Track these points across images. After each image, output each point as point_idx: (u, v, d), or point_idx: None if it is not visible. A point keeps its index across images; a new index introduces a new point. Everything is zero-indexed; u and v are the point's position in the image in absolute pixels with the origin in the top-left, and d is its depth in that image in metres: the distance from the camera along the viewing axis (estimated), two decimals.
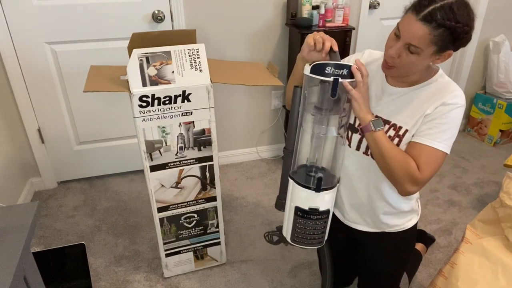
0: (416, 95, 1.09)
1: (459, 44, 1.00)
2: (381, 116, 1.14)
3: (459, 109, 1.04)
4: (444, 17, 0.93)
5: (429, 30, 0.94)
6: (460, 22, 0.95)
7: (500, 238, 1.26)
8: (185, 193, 1.56)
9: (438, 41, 0.95)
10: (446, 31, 0.94)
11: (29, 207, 0.95)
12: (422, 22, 0.95)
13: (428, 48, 0.97)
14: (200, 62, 1.37)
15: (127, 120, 2.29)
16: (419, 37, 0.96)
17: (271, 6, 2.24)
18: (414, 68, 1.03)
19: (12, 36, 1.94)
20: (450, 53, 1.01)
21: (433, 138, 1.05)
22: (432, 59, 1.01)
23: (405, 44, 0.99)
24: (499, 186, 2.32)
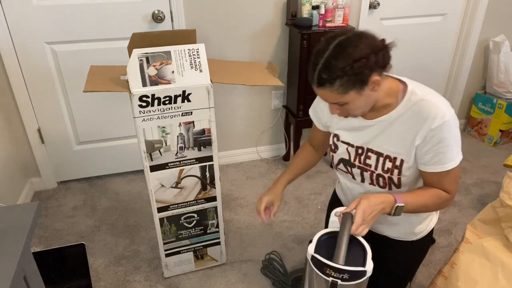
0: (397, 123, 1.07)
1: (372, 70, 0.95)
2: (372, 148, 1.14)
3: (448, 124, 1.01)
4: (329, 74, 0.94)
5: (329, 90, 0.97)
6: (343, 66, 0.93)
7: (500, 238, 1.26)
8: (185, 193, 1.56)
9: (347, 87, 0.95)
10: (342, 79, 0.94)
11: (29, 207, 0.95)
12: (321, 88, 0.98)
13: (348, 95, 0.98)
14: (200, 62, 1.37)
15: (127, 120, 2.29)
16: (331, 97, 0.99)
17: (271, 6, 2.24)
18: (364, 107, 1.04)
19: (12, 36, 1.94)
20: (375, 79, 0.97)
21: (444, 162, 1.04)
22: (366, 93, 0.99)
23: (331, 104, 1.04)
24: (499, 186, 2.32)
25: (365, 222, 0.98)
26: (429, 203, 1.09)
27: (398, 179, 1.11)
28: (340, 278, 0.90)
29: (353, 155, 1.18)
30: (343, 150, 1.20)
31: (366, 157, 1.15)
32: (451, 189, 1.09)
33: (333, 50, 0.95)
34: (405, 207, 1.04)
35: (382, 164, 1.12)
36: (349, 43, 0.95)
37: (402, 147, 1.07)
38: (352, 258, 0.93)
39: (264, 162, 2.63)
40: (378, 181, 1.15)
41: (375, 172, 1.14)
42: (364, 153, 1.15)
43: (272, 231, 2.01)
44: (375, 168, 1.14)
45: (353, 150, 1.17)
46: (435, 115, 1.00)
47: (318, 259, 0.92)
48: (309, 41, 2.14)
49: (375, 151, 1.13)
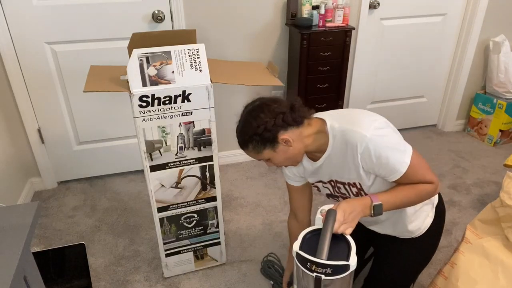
0: (335, 158, 1.17)
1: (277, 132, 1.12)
2: (336, 179, 1.23)
3: (371, 141, 1.06)
4: (241, 139, 1.17)
5: (247, 151, 1.18)
6: (250, 132, 1.13)
7: (500, 238, 1.26)
8: (185, 193, 1.56)
9: (260, 147, 1.14)
10: (252, 142, 1.14)
11: (29, 207, 0.95)
12: (242, 149, 1.19)
13: (263, 154, 1.15)
14: (200, 62, 1.37)
15: (127, 120, 2.29)
16: (252, 156, 1.19)
17: (271, 6, 2.24)
18: (288, 160, 1.18)
19: (12, 36, 1.94)
20: (283, 137, 1.12)
21: (394, 170, 1.08)
22: (282, 149, 1.14)
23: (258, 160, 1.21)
24: (499, 186, 2.32)
25: (347, 221, 1.01)
26: (411, 195, 1.11)
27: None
28: (324, 273, 0.91)
29: (330, 189, 1.29)
30: (322, 187, 1.32)
31: (338, 188, 1.26)
32: (428, 179, 1.12)
33: (244, 118, 1.16)
34: (385, 205, 1.08)
35: (350, 190, 1.23)
36: (253, 112, 1.14)
37: (351, 174, 1.17)
38: (336, 253, 0.94)
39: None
40: None
41: (350, 197, 1.25)
42: (335, 185, 1.26)
43: (272, 231, 2.01)
44: (349, 194, 1.25)
45: (328, 185, 1.28)
46: (356, 141, 1.08)
47: (302, 255, 0.94)
48: (309, 41, 2.14)
49: (339, 182, 1.23)
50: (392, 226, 1.30)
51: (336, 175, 1.22)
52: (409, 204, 1.15)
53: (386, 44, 2.59)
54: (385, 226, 1.32)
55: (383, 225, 1.32)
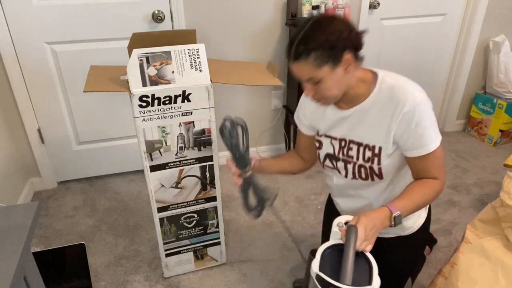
0: (371, 112, 1.11)
1: (345, 47, 1.01)
2: (353, 139, 1.17)
3: (419, 106, 1.04)
4: (305, 46, 1.00)
5: (304, 63, 1.02)
6: (319, 38, 1.00)
7: (500, 238, 1.26)
8: (185, 193, 1.56)
9: (322, 61, 1.01)
10: (318, 51, 1.00)
11: (29, 207, 0.95)
12: (296, 62, 1.03)
13: (321, 71, 1.02)
14: (200, 62, 1.37)
15: (127, 120, 2.29)
16: (305, 72, 1.04)
17: (271, 6, 2.24)
18: (337, 88, 1.07)
19: (12, 36, 1.94)
20: (348, 57, 1.02)
21: (425, 144, 1.06)
22: (340, 72, 1.03)
23: (306, 82, 1.06)
24: (499, 186, 2.32)
25: (368, 237, 0.98)
26: (425, 197, 1.09)
27: (379, 169, 1.13)
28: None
29: (337, 148, 1.21)
30: (327, 144, 1.23)
31: (349, 149, 1.18)
32: (439, 174, 1.10)
33: (310, 26, 1.01)
34: (403, 213, 1.05)
35: (363, 153, 1.15)
36: (325, 21, 1.02)
37: (379, 135, 1.11)
38: (357, 274, 0.91)
39: None
40: (360, 172, 1.17)
41: (357, 162, 1.17)
42: (346, 145, 1.18)
43: (272, 231, 2.01)
44: (356, 159, 1.17)
45: (337, 143, 1.20)
46: (406, 99, 1.04)
47: (323, 278, 0.89)
48: None
49: (355, 142, 1.16)
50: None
51: (355, 133, 1.15)
52: (424, 206, 1.13)
53: (386, 44, 2.59)
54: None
55: None
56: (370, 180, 1.17)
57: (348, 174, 1.21)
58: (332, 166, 1.25)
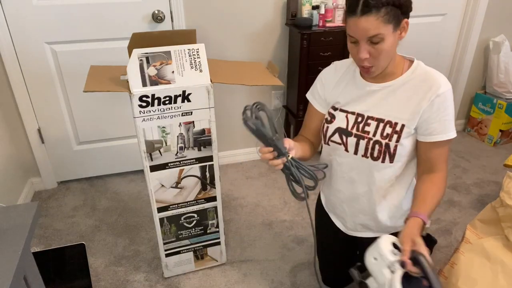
0: (402, 89, 1.12)
1: (406, 10, 1.03)
2: (373, 115, 1.15)
3: (450, 93, 1.09)
4: (373, 3, 0.97)
5: (375, 17, 0.98)
6: None
7: (500, 238, 1.26)
8: (185, 193, 1.56)
9: (390, 18, 1.00)
10: (388, 7, 0.98)
11: (29, 207, 0.95)
12: (364, 16, 0.99)
13: (386, 29, 1.00)
14: (200, 62, 1.37)
15: (127, 120, 2.29)
16: (372, 27, 1.00)
17: (271, 6, 2.24)
18: (388, 55, 1.06)
19: (12, 36, 1.94)
20: (406, 21, 1.04)
21: (448, 130, 1.10)
22: (396, 36, 1.04)
23: (367, 41, 1.03)
24: (499, 186, 2.32)
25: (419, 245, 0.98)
26: (438, 196, 1.12)
27: (395, 148, 1.12)
28: None
29: (351, 123, 1.18)
30: (341, 118, 1.20)
31: (365, 125, 1.16)
32: (444, 166, 1.14)
33: None
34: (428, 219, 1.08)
35: (382, 129, 1.13)
36: None
37: (405, 112, 1.11)
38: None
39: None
40: (373, 149, 1.14)
41: (373, 138, 1.14)
42: (363, 121, 1.16)
43: (272, 231, 2.01)
44: (373, 135, 1.14)
45: (353, 118, 1.18)
46: (440, 83, 1.08)
47: None
48: (309, 41, 2.14)
49: (375, 118, 1.14)
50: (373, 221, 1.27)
51: (377, 110, 1.14)
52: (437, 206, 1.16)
53: None
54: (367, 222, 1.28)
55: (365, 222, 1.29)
56: (380, 162, 1.14)
57: (358, 150, 1.17)
58: (340, 142, 1.20)
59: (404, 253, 0.97)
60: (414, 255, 0.94)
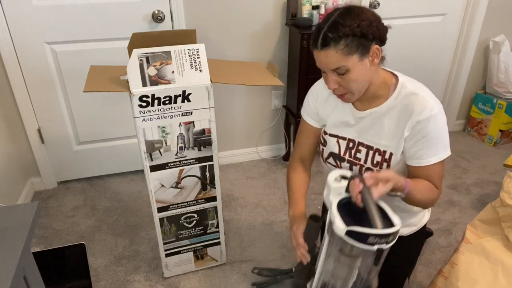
0: (388, 116, 1.09)
1: (375, 37, 1.00)
2: (363, 142, 1.14)
3: (435, 118, 1.04)
4: (335, 33, 0.97)
5: (334, 50, 0.98)
6: (350, 25, 0.97)
7: (500, 238, 1.26)
8: (185, 193, 1.56)
9: (351, 49, 0.98)
10: (348, 38, 0.97)
11: (29, 207, 0.95)
12: (323, 50, 0.99)
13: (349, 60, 0.99)
14: (200, 62, 1.37)
15: (127, 120, 2.29)
16: (333, 61, 1.00)
17: (271, 6, 2.24)
18: (358, 84, 1.04)
19: (12, 36, 1.94)
20: (376, 48, 1.01)
21: (430, 156, 1.06)
22: (365, 64, 1.01)
23: (332, 72, 1.03)
24: (499, 186, 2.32)
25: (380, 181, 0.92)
26: (425, 195, 1.08)
27: None
28: (385, 242, 0.86)
29: (343, 148, 1.18)
30: (333, 143, 1.20)
31: (357, 151, 1.16)
32: (439, 186, 1.12)
33: (339, 14, 0.99)
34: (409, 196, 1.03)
35: (372, 157, 1.13)
36: (355, 9, 1.00)
37: (392, 140, 1.09)
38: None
39: (264, 162, 2.63)
40: None
41: (364, 166, 1.15)
42: (355, 147, 1.16)
43: (272, 231, 2.01)
44: (364, 162, 1.14)
45: (344, 143, 1.18)
46: (423, 108, 1.03)
47: (357, 231, 0.85)
48: (309, 41, 2.14)
49: (365, 145, 1.14)
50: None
51: (366, 136, 1.13)
52: (417, 203, 1.11)
53: (386, 44, 2.59)
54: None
55: None
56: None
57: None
58: (335, 165, 1.22)
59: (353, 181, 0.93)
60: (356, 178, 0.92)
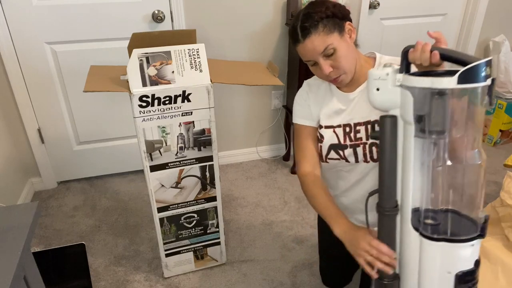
0: None
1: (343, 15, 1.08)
2: (359, 121, 1.14)
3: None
4: (310, 21, 1.05)
5: (316, 34, 1.05)
6: (320, 10, 1.05)
7: (500, 238, 1.26)
8: (185, 193, 1.56)
9: (330, 28, 1.05)
10: (323, 21, 1.04)
11: (29, 207, 0.95)
12: (307, 39, 1.05)
13: (332, 38, 1.05)
14: (200, 62, 1.38)
15: (127, 120, 2.29)
16: (319, 44, 1.05)
17: (271, 6, 2.24)
18: (348, 59, 1.08)
19: (12, 36, 1.94)
20: (349, 23, 1.09)
21: None
22: (346, 40, 1.08)
23: (322, 57, 1.07)
24: (499, 186, 2.32)
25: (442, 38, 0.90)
26: None
27: None
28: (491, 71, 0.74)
29: (341, 136, 1.17)
30: (329, 135, 1.19)
31: (356, 132, 1.15)
32: None
33: (306, 7, 1.08)
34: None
35: (371, 131, 1.13)
36: (317, 0, 1.09)
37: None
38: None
39: (264, 162, 2.63)
40: (371, 153, 1.13)
41: (368, 142, 1.13)
42: (352, 130, 1.16)
43: (272, 231, 2.01)
44: (366, 139, 1.13)
45: (341, 131, 1.17)
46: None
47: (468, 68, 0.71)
48: None
49: (362, 122, 1.14)
50: None
51: (360, 114, 1.13)
52: None
53: (386, 44, 2.59)
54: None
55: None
56: None
57: (358, 158, 1.16)
58: (338, 157, 1.19)
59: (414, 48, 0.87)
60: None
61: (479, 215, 0.80)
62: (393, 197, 0.87)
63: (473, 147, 0.79)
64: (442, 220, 0.82)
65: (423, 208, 0.84)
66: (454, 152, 0.80)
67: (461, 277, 0.79)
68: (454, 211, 0.82)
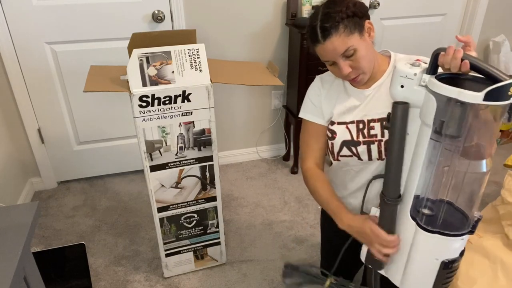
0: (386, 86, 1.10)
1: (363, 13, 1.06)
2: (373, 118, 1.13)
3: None
4: (331, 21, 1.02)
5: (336, 36, 1.02)
6: (340, 10, 1.02)
7: (500, 236, 1.26)
8: (185, 193, 1.56)
9: (350, 29, 1.03)
10: (344, 21, 1.02)
11: (29, 207, 0.95)
12: (327, 40, 1.03)
13: (353, 39, 1.04)
14: (200, 62, 1.38)
15: (127, 120, 2.29)
16: (340, 46, 1.03)
17: (271, 6, 2.24)
18: (368, 59, 1.08)
19: (12, 36, 1.94)
20: (368, 22, 1.08)
21: None
22: (366, 39, 1.07)
23: (341, 58, 1.05)
24: (499, 186, 2.32)
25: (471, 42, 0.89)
26: None
27: None
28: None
29: (354, 132, 1.16)
30: (342, 131, 1.17)
31: (370, 129, 1.14)
32: None
33: (325, 5, 1.04)
34: None
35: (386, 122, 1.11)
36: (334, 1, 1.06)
37: None
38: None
39: (264, 162, 2.63)
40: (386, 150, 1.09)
41: (382, 139, 1.12)
42: (366, 126, 1.14)
43: (272, 231, 2.01)
44: (381, 136, 1.12)
45: (354, 127, 1.16)
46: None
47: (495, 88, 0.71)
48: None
49: (377, 119, 1.13)
50: None
51: (376, 110, 1.12)
52: None
53: (386, 44, 2.59)
54: None
55: None
56: None
57: (372, 155, 1.14)
58: (351, 154, 1.17)
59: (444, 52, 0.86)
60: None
61: (475, 214, 0.85)
62: (397, 187, 0.91)
63: (483, 156, 0.81)
64: (438, 212, 0.87)
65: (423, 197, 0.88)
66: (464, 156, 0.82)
67: (446, 264, 0.86)
68: (450, 204, 0.87)
